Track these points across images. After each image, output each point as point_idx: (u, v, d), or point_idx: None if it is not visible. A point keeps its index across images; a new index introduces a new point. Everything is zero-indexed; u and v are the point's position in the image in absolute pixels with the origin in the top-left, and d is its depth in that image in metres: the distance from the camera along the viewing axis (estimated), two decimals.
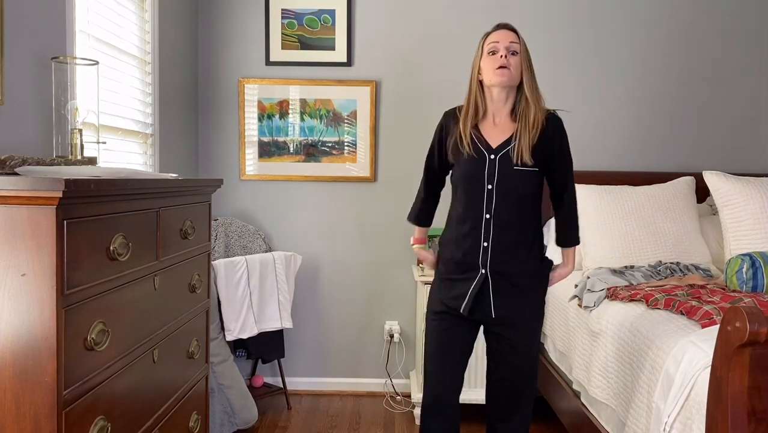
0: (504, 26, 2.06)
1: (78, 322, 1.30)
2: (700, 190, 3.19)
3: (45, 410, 1.22)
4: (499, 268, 2.02)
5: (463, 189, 2.06)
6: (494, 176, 2.00)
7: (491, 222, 2.01)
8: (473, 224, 2.03)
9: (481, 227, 2.02)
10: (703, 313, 1.95)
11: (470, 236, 2.04)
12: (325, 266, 3.62)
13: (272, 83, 3.52)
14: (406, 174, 3.56)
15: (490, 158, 2.01)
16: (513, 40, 2.01)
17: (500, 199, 2.00)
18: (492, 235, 2.01)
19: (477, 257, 2.03)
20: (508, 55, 1.98)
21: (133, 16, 2.73)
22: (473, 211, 2.04)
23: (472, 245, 2.03)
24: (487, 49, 2.02)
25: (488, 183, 2.01)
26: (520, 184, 2.00)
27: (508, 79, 1.99)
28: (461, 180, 2.07)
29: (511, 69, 1.98)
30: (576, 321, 2.66)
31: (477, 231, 2.03)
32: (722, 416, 1.37)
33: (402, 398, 3.52)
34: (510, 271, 2.03)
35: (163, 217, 1.73)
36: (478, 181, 2.02)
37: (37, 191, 1.19)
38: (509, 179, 1.99)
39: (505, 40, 2.00)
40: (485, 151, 2.02)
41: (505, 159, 2.00)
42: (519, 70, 2.00)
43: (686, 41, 3.53)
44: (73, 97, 1.95)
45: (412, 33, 3.53)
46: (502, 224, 2.01)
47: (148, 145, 2.88)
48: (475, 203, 2.03)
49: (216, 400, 2.86)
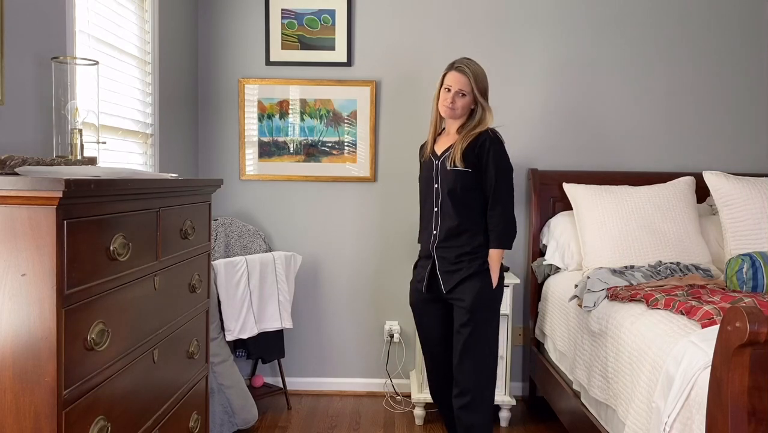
0: (458, 69, 2.49)
1: (78, 322, 1.30)
2: (700, 190, 3.19)
3: (45, 410, 1.22)
4: (441, 249, 2.50)
5: (423, 189, 2.59)
6: (438, 176, 2.51)
7: (439, 213, 2.51)
8: (428, 216, 2.55)
9: (432, 217, 2.52)
10: (703, 313, 1.95)
11: (426, 228, 2.56)
12: (325, 266, 3.62)
13: (272, 83, 3.52)
14: (406, 174, 3.56)
15: (435, 163, 2.53)
16: (462, 87, 2.46)
17: (442, 194, 2.49)
18: (439, 224, 2.50)
19: (429, 243, 2.53)
20: (456, 97, 2.47)
21: (133, 16, 2.73)
22: (428, 205, 2.55)
23: (428, 234, 2.54)
24: (445, 85, 2.50)
25: (435, 182, 2.52)
26: (453, 181, 2.45)
27: (451, 116, 2.51)
28: (420, 181, 2.62)
29: (456, 109, 2.48)
30: (576, 321, 2.66)
31: (430, 222, 2.53)
32: (722, 416, 1.37)
33: (402, 398, 3.52)
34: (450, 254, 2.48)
35: (163, 217, 1.73)
36: (429, 180, 2.55)
37: (37, 191, 1.19)
38: (446, 177, 2.47)
39: (456, 85, 2.47)
40: (433, 158, 2.56)
41: (444, 162, 2.49)
42: (463, 109, 2.49)
43: (686, 41, 3.53)
44: (73, 97, 1.94)
45: (412, 33, 3.53)
46: (445, 215, 2.49)
47: (148, 145, 2.88)
48: (429, 199, 2.55)
49: (216, 400, 2.86)
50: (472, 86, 2.46)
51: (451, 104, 2.46)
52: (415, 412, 3.25)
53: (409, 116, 3.55)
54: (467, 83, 2.46)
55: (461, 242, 2.47)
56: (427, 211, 2.55)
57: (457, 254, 2.47)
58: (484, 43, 3.51)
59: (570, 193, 3.19)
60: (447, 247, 2.48)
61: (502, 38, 3.51)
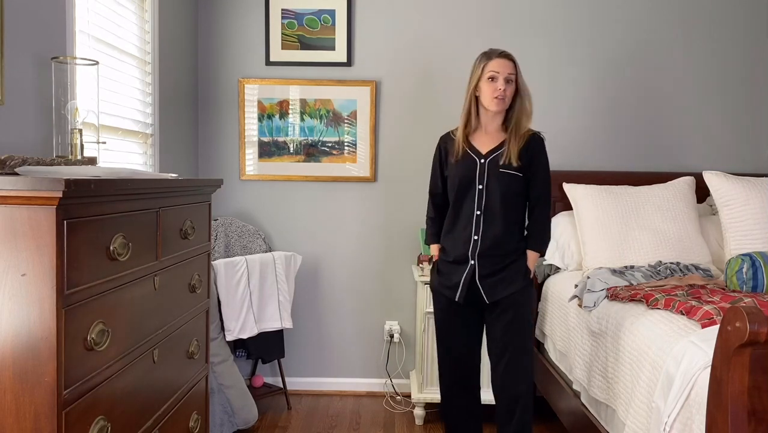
0: (505, 56, 2.34)
1: (78, 322, 1.30)
2: (700, 190, 3.19)
3: (45, 410, 1.22)
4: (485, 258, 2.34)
5: (458, 190, 2.38)
6: (484, 177, 2.35)
7: (482, 217, 2.35)
8: (464, 219, 2.37)
9: (472, 221, 2.35)
10: (703, 313, 1.95)
11: (461, 231, 2.38)
12: (325, 266, 3.62)
13: (272, 83, 3.52)
14: (406, 174, 3.57)
15: (480, 162, 2.36)
16: (511, 71, 2.32)
17: (489, 197, 2.34)
18: (482, 229, 2.34)
19: (467, 248, 2.36)
20: (505, 85, 2.31)
21: (133, 16, 2.73)
22: (465, 207, 2.37)
23: (465, 238, 2.36)
24: (488, 75, 2.32)
25: (479, 183, 2.35)
26: (506, 184, 2.33)
27: (503, 107, 2.35)
28: (453, 182, 2.41)
29: (505, 99, 2.33)
30: (576, 321, 2.66)
31: (468, 225, 2.36)
32: (722, 416, 1.37)
33: (402, 398, 3.52)
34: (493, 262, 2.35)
35: (163, 217, 1.73)
36: (469, 180, 2.36)
37: (37, 191, 1.19)
38: (498, 180, 2.33)
39: (505, 71, 2.31)
40: (474, 156, 2.38)
41: (493, 162, 2.34)
42: (511, 97, 2.35)
43: (686, 41, 3.53)
44: (73, 97, 1.94)
45: (412, 33, 3.53)
46: (491, 220, 2.34)
47: (148, 145, 2.88)
48: (467, 200, 2.36)
49: (216, 400, 2.86)
50: (518, 72, 2.33)
51: (503, 93, 2.30)
52: (415, 412, 3.25)
53: (409, 116, 3.55)
54: (513, 68, 2.32)
55: (506, 250, 2.34)
56: (463, 213, 2.38)
57: (504, 264, 2.34)
58: (484, 42, 3.50)
59: (570, 194, 3.18)
60: (491, 255, 2.34)
61: (502, 38, 3.51)
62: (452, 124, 3.51)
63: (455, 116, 3.51)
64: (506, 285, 2.34)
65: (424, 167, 3.55)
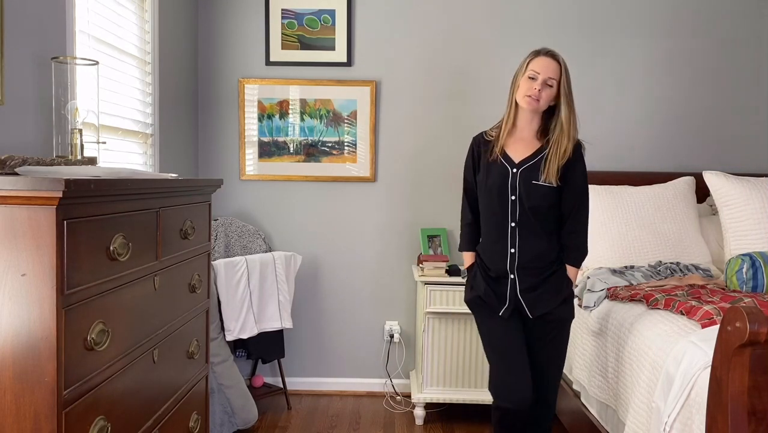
0: (552, 55, 2.19)
1: (78, 322, 1.30)
2: (700, 190, 3.19)
3: (45, 410, 1.22)
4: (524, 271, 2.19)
5: (490, 200, 2.23)
6: (516, 188, 2.18)
7: (517, 230, 2.19)
8: (499, 230, 2.21)
9: (508, 233, 2.19)
10: (703, 313, 1.95)
11: (496, 243, 2.22)
12: (325, 266, 3.62)
13: (272, 83, 3.52)
14: (406, 174, 3.57)
15: (512, 171, 2.19)
16: (552, 75, 2.15)
17: (522, 208, 2.17)
18: (518, 242, 2.19)
19: (505, 262, 2.20)
20: (542, 87, 2.14)
21: (133, 16, 2.73)
22: (499, 218, 2.21)
23: (501, 251, 2.21)
24: (529, 73, 2.17)
25: (511, 193, 2.18)
26: (541, 198, 2.17)
27: (533, 108, 2.17)
28: (484, 189, 2.25)
29: (539, 101, 2.16)
30: (576, 321, 2.65)
31: (504, 238, 2.20)
32: (722, 416, 1.37)
33: (402, 398, 3.52)
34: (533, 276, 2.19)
35: (163, 217, 1.73)
36: (502, 190, 2.19)
37: (37, 191, 1.19)
38: (532, 192, 2.16)
39: (545, 72, 2.15)
40: (507, 164, 2.21)
41: (526, 172, 2.18)
42: (547, 102, 2.18)
43: (686, 42, 3.53)
44: (73, 97, 1.94)
45: (412, 33, 3.53)
46: (527, 234, 2.18)
47: (148, 145, 2.88)
48: (501, 211, 2.20)
49: (216, 400, 2.86)
50: (562, 76, 2.16)
51: (537, 94, 2.13)
52: (415, 412, 3.25)
53: (409, 116, 3.55)
54: (557, 71, 2.15)
55: (545, 263, 2.20)
56: (497, 224, 2.22)
57: (543, 276, 2.19)
58: (484, 42, 3.51)
59: None
60: (530, 268, 2.19)
61: (502, 38, 3.51)
62: (452, 124, 3.54)
63: (455, 115, 3.53)
64: (548, 299, 2.19)
65: (424, 167, 3.56)
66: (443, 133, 3.55)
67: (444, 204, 3.54)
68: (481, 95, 3.51)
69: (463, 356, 3.17)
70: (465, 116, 3.52)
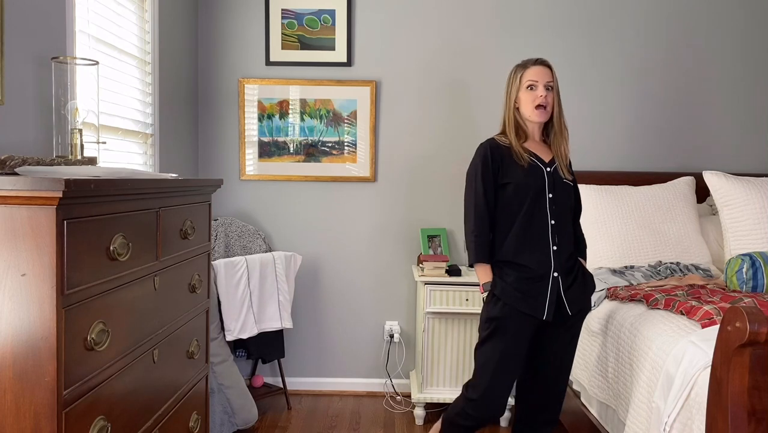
0: (542, 63, 2.27)
1: (78, 322, 1.30)
2: (700, 190, 3.19)
3: (45, 410, 1.22)
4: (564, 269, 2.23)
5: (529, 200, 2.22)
6: (553, 186, 2.25)
7: (556, 227, 2.24)
8: (538, 230, 2.23)
9: (548, 232, 2.23)
10: (703, 313, 1.95)
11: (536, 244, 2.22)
12: (325, 266, 3.62)
13: (272, 83, 3.52)
14: (406, 174, 3.57)
15: (547, 170, 2.25)
16: (549, 79, 2.24)
17: (558, 206, 2.25)
18: (557, 240, 2.23)
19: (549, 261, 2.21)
20: (546, 93, 2.23)
21: (133, 16, 2.73)
22: (537, 218, 2.23)
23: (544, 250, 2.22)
24: (525, 84, 2.25)
25: (549, 191, 2.24)
26: (569, 195, 2.30)
27: (545, 117, 2.26)
28: (522, 191, 2.23)
29: (548, 107, 2.24)
30: None
31: (544, 237, 2.22)
32: (722, 416, 1.37)
33: (402, 398, 3.52)
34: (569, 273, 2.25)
35: (163, 217, 1.73)
36: (540, 189, 2.23)
37: (37, 191, 1.19)
38: (563, 190, 2.27)
39: (543, 79, 2.23)
40: (541, 164, 2.26)
41: (556, 172, 2.27)
42: (552, 106, 2.26)
43: (686, 41, 3.53)
44: (73, 97, 1.94)
45: (412, 33, 3.53)
46: (563, 231, 2.25)
47: (148, 145, 2.88)
48: (538, 210, 2.23)
49: (216, 400, 2.86)
50: (555, 80, 2.27)
51: (545, 100, 2.22)
52: (415, 412, 3.25)
53: (409, 116, 3.55)
54: (552, 76, 2.26)
55: (574, 259, 2.29)
56: (537, 224, 2.22)
57: (574, 273, 2.26)
58: (484, 42, 3.51)
59: None
60: (567, 265, 2.24)
61: (502, 38, 3.51)
62: (452, 124, 3.54)
63: (455, 115, 3.54)
64: (581, 294, 2.25)
65: (424, 167, 3.56)
66: (443, 133, 3.55)
67: (444, 204, 3.54)
68: (481, 95, 3.51)
69: (463, 356, 3.17)
70: (465, 116, 3.52)
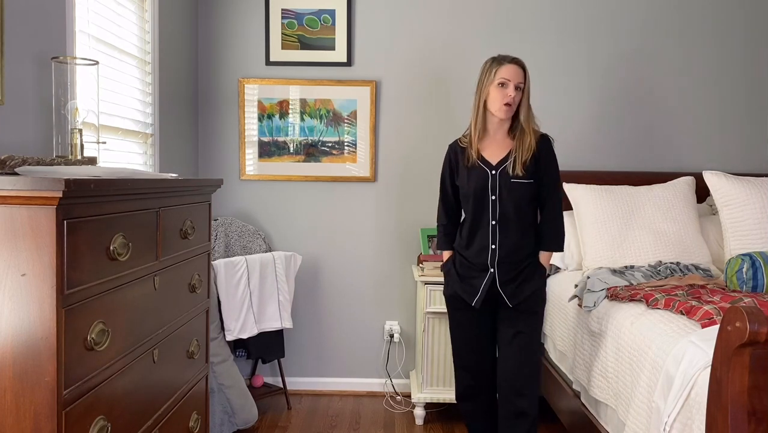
0: (517, 62, 2.34)
1: (78, 322, 1.30)
2: (700, 190, 3.19)
3: (45, 410, 1.22)
4: (504, 265, 2.37)
5: (472, 201, 2.39)
6: (497, 188, 2.35)
7: (497, 227, 2.36)
8: (482, 229, 2.38)
9: (489, 232, 2.37)
10: (703, 313, 1.95)
11: (478, 241, 2.39)
12: (325, 266, 3.62)
13: (272, 83, 3.52)
14: (406, 174, 3.57)
15: (491, 173, 2.36)
16: (521, 80, 2.32)
17: (503, 206, 2.35)
18: (498, 239, 2.36)
19: (486, 258, 2.37)
20: (515, 93, 2.31)
21: (133, 16, 2.73)
22: (481, 218, 2.38)
23: (483, 248, 2.38)
24: (498, 80, 2.32)
25: (491, 194, 2.35)
26: (519, 195, 2.35)
27: (510, 115, 2.35)
28: (466, 193, 2.41)
29: (513, 106, 2.33)
30: (576, 321, 2.65)
31: (486, 236, 2.37)
32: (722, 416, 1.37)
33: (402, 398, 3.52)
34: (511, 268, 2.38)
35: (163, 217, 1.73)
36: (482, 191, 2.36)
37: (37, 191, 1.19)
38: (511, 191, 2.34)
39: (516, 79, 2.31)
40: (485, 167, 2.37)
41: (504, 173, 2.35)
42: (517, 104, 2.35)
43: (686, 41, 3.53)
44: (73, 97, 1.94)
45: (412, 33, 3.53)
46: (506, 230, 2.36)
47: (148, 145, 2.88)
48: (482, 211, 2.37)
49: (216, 400, 2.86)
50: (527, 80, 2.34)
51: (512, 100, 2.31)
52: (415, 412, 3.25)
53: (409, 116, 3.55)
54: (524, 76, 2.33)
55: (523, 255, 2.39)
56: (480, 223, 2.39)
57: (520, 268, 2.38)
58: (484, 42, 3.51)
59: (570, 194, 3.18)
60: (508, 262, 2.37)
61: (502, 38, 3.51)
62: (452, 124, 3.53)
63: (455, 116, 3.53)
64: (525, 287, 2.37)
65: (424, 167, 3.56)
66: (443, 133, 3.54)
67: None
68: None
69: None
70: (465, 116, 3.49)
